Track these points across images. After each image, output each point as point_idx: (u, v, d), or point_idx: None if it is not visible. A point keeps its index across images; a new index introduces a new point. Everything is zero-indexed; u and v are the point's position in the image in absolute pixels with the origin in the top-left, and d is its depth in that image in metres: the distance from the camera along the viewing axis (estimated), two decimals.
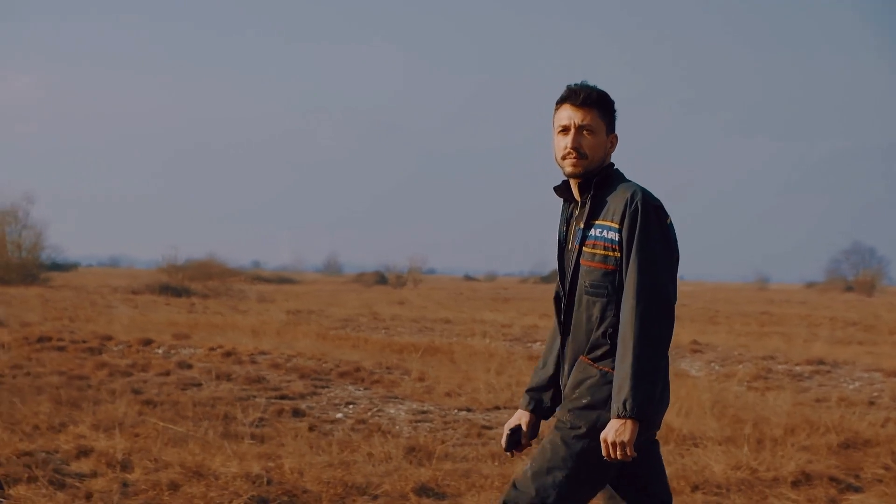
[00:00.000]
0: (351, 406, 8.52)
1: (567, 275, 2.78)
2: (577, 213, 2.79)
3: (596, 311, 2.67)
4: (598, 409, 2.62)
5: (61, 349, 11.57)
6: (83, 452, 5.42)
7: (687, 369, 12.35)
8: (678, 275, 2.75)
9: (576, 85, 2.74)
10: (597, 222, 2.70)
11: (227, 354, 11.24)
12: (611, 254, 2.66)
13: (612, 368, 2.62)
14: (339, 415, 8.09)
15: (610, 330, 2.65)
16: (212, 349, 11.54)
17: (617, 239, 2.65)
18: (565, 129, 2.75)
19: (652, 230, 2.62)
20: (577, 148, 2.72)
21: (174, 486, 4.55)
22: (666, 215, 2.67)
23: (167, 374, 9.82)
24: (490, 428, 7.55)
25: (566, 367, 2.77)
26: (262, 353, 11.41)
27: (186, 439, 6.26)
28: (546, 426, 2.99)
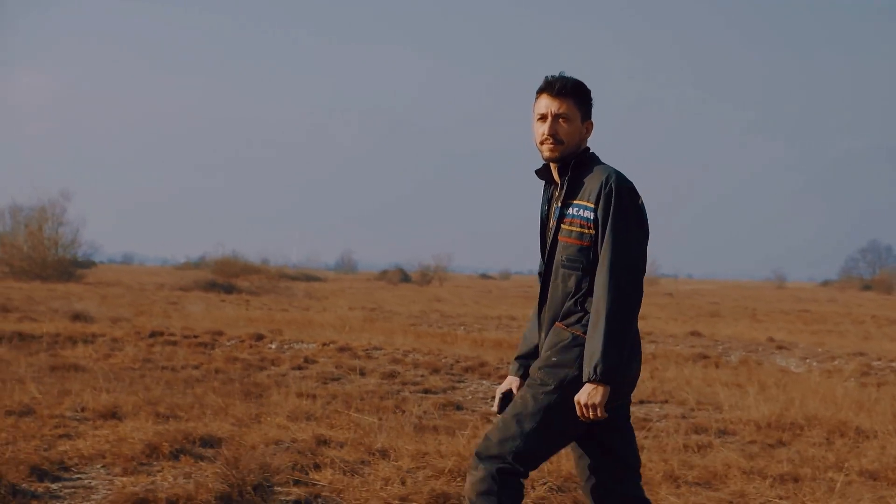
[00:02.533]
0: (489, 400, 8.65)
1: (546, 250, 2.99)
2: (556, 193, 2.98)
3: (571, 283, 2.87)
4: (566, 368, 2.81)
5: (174, 344, 11.73)
6: (322, 442, 5.56)
7: (785, 365, 12.52)
8: (647, 252, 2.92)
9: (552, 76, 2.94)
10: (574, 202, 2.89)
11: (342, 349, 11.39)
12: (586, 231, 2.85)
13: (583, 332, 2.82)
14: (486, 407, 8.23)
15: (582, 299, 2.85)
16: (325, 344, 11.70)
17: (592, 217, 2.84)
18: (543, 117, 2.95)
19: (625, 210, 2.80)
20: (553, 134, 2.92)
21: (461, 474, 4.70)
22: (638, 196, 2.86)
23: (300, 368, 9.98)
24: (651, 420, 7.69)
25: (542, 333, 2.96)
26: (376, 348, 11.56)
27: (384, 429, 6.39)
28: None
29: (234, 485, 4.02)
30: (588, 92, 2.97)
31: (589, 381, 2.72)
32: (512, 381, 3.08)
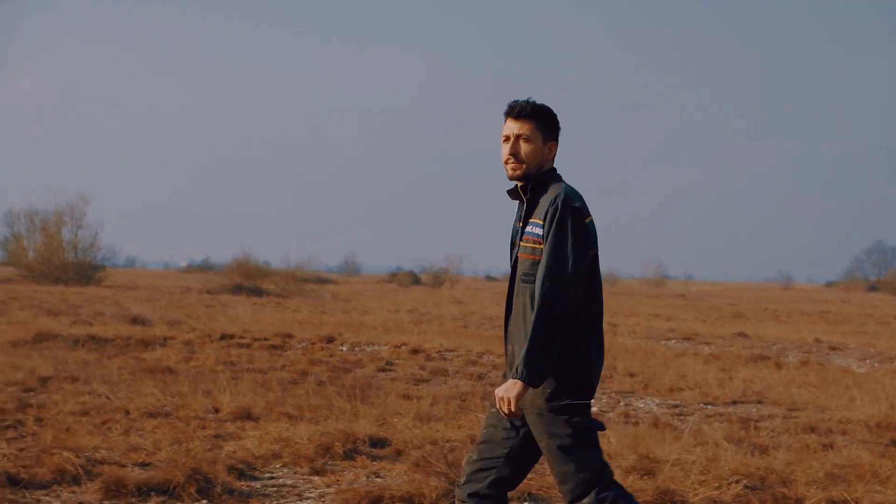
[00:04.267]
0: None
1: (511, 265, 3.17)
2: (523, 212, 3.15)
3: (528, 297, 3.01)
4: (549, 388, 2.95)
5: (247, 346, 11.83)
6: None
7: (846, 366, 12.65)
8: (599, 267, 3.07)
9: (515, 101, 3.10)
10: (531, 220, 3.06)
11: (415, 352, 11.50)
12: (538, 246, 3.00)
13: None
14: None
15: None
16: (396, 347, 11.80)
17: (542, 234, 2.99)
18: (506, 139, 3.11)
19: (565, 225, 2.94)
20: (514, 154, 3.08)
21: (648, 472, 4.81)
22: (585, 215, 3.01)
23: (384, 370, 10.09)
24: (758, 421, 7.79)
25: (508, 345, 3.11)
26: (448, 350, 11.66)
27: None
28: None
29: (455, 483, 4.11)
30: (552, 116, 3.12)
31: (513, 377, 2.89)
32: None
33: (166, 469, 4.61)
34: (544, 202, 3.02)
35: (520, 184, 3.12)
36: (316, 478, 4.75)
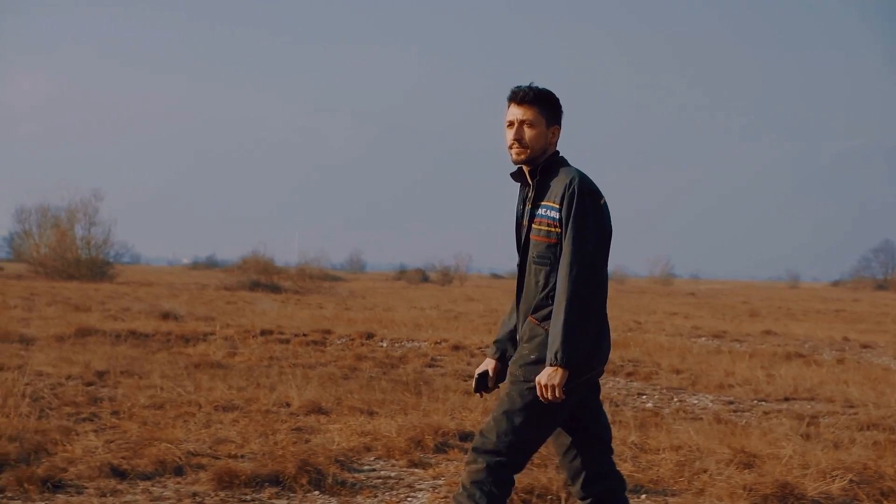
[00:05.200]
0: (644, 396, 8.82)
1: (520, 247, 3.22)
2: (529, 194, 3.20)
3: (541, 278, 3.08)
4: (545, 364, 3.00)
5: (286, 342, 11.87)
6: None
7: (884, 364, 12.68)
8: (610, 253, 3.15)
9: (518, 87, 3.17)
10: (542, 203, 3.12)
11: (456, 347, 11.53)
12: (553, 229, 3.07)
13: None
14: (650, 404, 8.38)
15: (552, 293, 3.06)
16: (437, 343, 11.84)
17: (558, 217, 3.05)
18: (510, 124, 3.18)
19: (585, 209, 3.02)
20: (518, 139, 3.15)
21: (747, 465, 4.85)
22: (600, 197, 3.08)
23: (431, 366, 10.12)
24: (817, 417, 7.82)
25: (520, 323, 3.19)
26: (488, 346, 11.68)
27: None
28: None
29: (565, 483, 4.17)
30: (554, 100, 3.18)
31: (550, 364, 2.94)
32: (488, 363, 3.32)
33: (273, 461, 4.65)
34: (557, 186, 3.08)
35: (525, 167, 3.17)
36: (418, 470, 4.79)
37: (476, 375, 3.30)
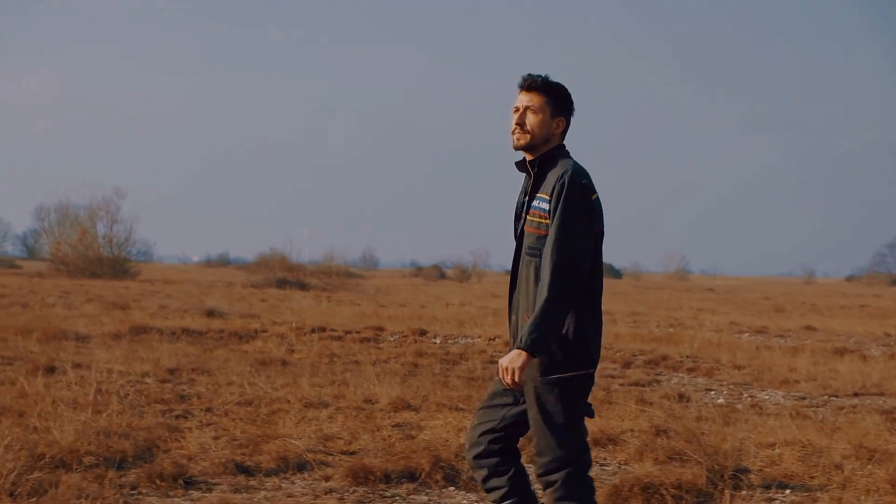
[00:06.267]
0: (712, 392, 8.81)
1: (516, 238, 3.22)
2: (528, 186, 3.20)
3: (532, 269, 3.07)
4: (548, 361, 3.02)
5: (339, 339, 11.89)
6: (660, 432, 5.71)
7: None
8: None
9: (529, 74, 3.18)
10: (538, 195, 3.12)
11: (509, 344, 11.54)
12: (544, 221, 3.06)
13: None
14: (720, 399, 8.38)
15: None
16: (490, 339, 11.85)
17: (548, 209, 3.05)
18: (516, 109, 3.19)
19: (572, 202, 3.01)
20: (520, 124, 3.16)
21: (869, 460, 4.86)
22: (591, 192, 3.07)
23: (492, 362, 10.13)
24: (887, 411, 7.80)
25: (513, 316, 3.18)
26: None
27: (686, 420, 6.52)
28: None
29: (716, 471, 4.18)
30: (563, 92, 3.18)
31: (517, 347, 2.95)
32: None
33: (399, 458, 4.66)
34: (551, 178, 3.08)
35: (528, 156, 3.18)
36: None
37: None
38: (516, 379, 2.94)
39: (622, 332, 14.18)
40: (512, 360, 2.94)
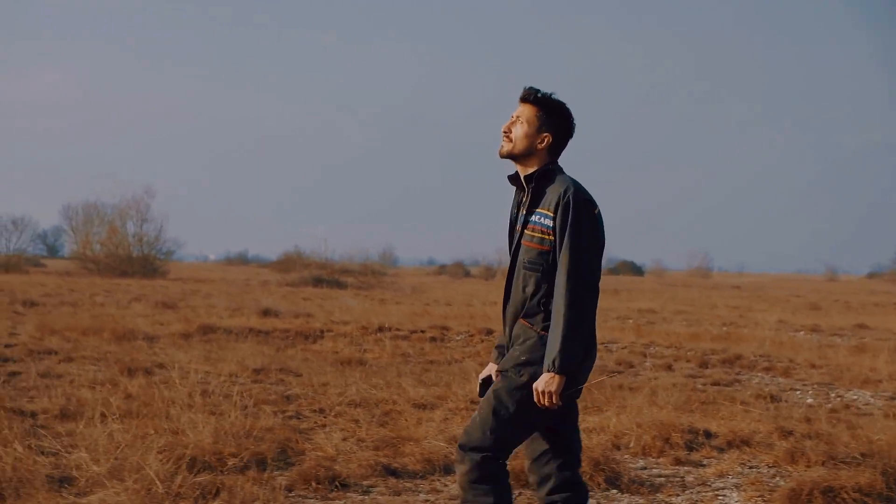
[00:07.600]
0: (797, 392, 8.77)
1: (511, 251, 3.23)
2: (524, 200, 3.20)
3: (532, 283, 3.09)
4: (536, 365, 3.03)
5: (405, 338, 11.91)
6: (786, 433, 5.68)
7: None
8: (603, 260, 3.18)
9: (529, 87, 3.18)
10: (537, 210, 3.12)
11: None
12: (546, 237, 3.08)
13: (547, 332, 3.05)
14: (809, 400, 8.33)
15: (543, 299, 3.08)
16: None
17: (551, 225, 3.07)
18: (510, 119, 3.22)
19: (581, 220, 3.03)
20: (506, 131, 3.20)
21: None
22: (594, 207, 3.09)
23: None
24: None
25: (506, 328, 3.20)
26: (611, 341, 11.67)
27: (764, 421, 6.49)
28: None
29: (889, 474, 4.16)
30: (556, 107, 3.17)
31: (548, 371, 2.95)
32: (491, 368, 3.31)
33: None
34: (552, 193, 3.09)
35: (520, 169, 3.20)
36: (690, 468, 4.78)
37: (480, 381, 3.34)
38: (555, 401, 2.96)
39: (679, 330, 14.15)
40: (547, 384, 2.96)
